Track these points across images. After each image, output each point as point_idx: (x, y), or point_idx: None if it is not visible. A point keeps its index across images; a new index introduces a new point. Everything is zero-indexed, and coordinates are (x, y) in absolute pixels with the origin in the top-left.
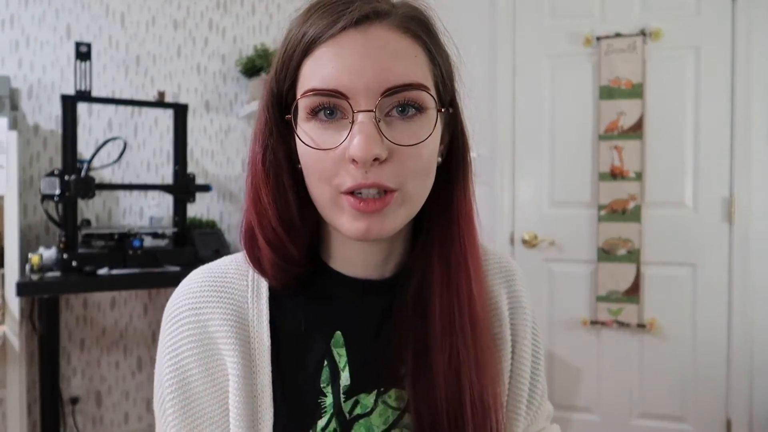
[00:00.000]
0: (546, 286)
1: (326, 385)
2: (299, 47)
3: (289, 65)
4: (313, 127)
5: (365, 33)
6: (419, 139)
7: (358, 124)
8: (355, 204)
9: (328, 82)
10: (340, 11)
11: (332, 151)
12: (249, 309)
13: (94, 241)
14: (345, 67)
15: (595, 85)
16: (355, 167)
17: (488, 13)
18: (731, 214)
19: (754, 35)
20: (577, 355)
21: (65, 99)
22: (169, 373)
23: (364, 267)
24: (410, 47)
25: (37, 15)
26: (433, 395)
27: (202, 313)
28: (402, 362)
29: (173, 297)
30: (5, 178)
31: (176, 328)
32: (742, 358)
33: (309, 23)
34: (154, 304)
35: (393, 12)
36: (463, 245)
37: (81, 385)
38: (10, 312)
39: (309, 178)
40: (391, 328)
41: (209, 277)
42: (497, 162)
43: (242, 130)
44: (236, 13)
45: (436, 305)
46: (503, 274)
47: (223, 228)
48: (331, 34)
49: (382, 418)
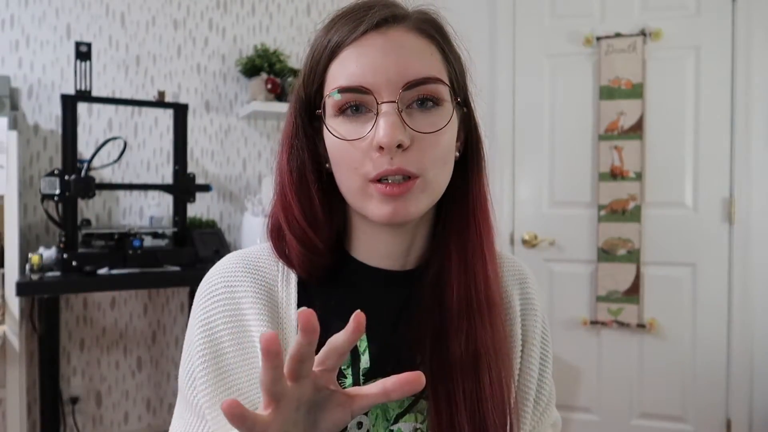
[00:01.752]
0: (546, 286)
1: (347, 367)
2: (325, 53)
3: (316, 70)
4: (341, 122)
5: (385, 34)
6: (437, 128)
7: (383, 114)
8: (382, 189)
9: (354, 80)
10: (361, 17)
11: (360, 141)
12: (279, 292)
13: (94, 241)
14: (368, 65)
15: (595, 85)
16: (380, 154)
17: (488, 13)
18: (731, 214)
19: (754, 35)
20: (577, 355)
21: (65, 99)
22: (200, 345)
23: (388, 258)
24: (426, 46)
25: (37, 15)
26: (450, 377)
27: (236, 291)
28: (419, 349)
29: (207, 276)
30: (5, 178)
31: (210, 303)
32: (742, 358)
33: (333, 31)
34: (154, 304)
35: (409, 16)
36: (479, 233)
37: (81, 385)
38: (10, 312)
39: (339, 169)
40: (410, 316)
41: (243, 259)
42: (497, 162)
43: (242, 130)
44: (236, 13)
45: (453, 289)
46: (517, 277)
47: (223, 228)
48: (355, 38)
49: (397, 402)
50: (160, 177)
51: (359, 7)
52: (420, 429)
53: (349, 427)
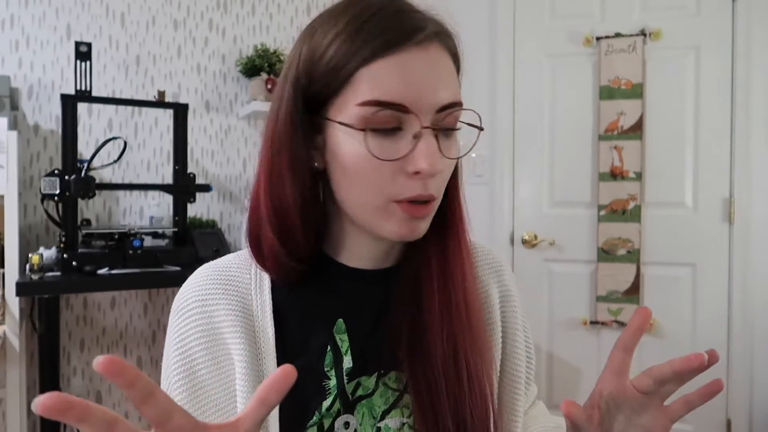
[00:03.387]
0: (546, 286)
1: (330, 368)
2: (357, 55)
3: (338, 69)
4: (371, 137)
5: (426, 51)
6: (458, 154)
7: (424, 139)
8: (410, 210)
9: (394, 96)
10: (401, 27)
11: (393, 162)
12: (253, 300)
13: (94, 240)
14: (411, 82)
15: (595, 85)
16: (414, 179)
17: (488, 13)
18: (731, 214)
19: (754, 35)
20: (577, 355)
21: (65, 99)
22: (176, 363)
23: (371, 260)
24: (452, 67)
25: (37, 15)
26: (431, 374)
27: (209, 305)
28: (400, 346)
29: (181, 292)
30: (5, 178)
31: (184, 319)
32: (742, 358)
33: (365, 33)
34: (154, 304)
35: (443, 32)
36: (456, 231)
37: (81, 385)
38: (10, 312)
39: (354, 183)
40: (389, 314)
41: (214, 272)
42: (497, 162)
43: (242, 130)
44: (236, 13)
45: (434, 288)
46: (492, 267)
47: (223, 228)
48: (395, 49)
49: (382, 399)
50: (160, 177)
51: (397, 11)
52: (407, 423)
53: (337, 427)
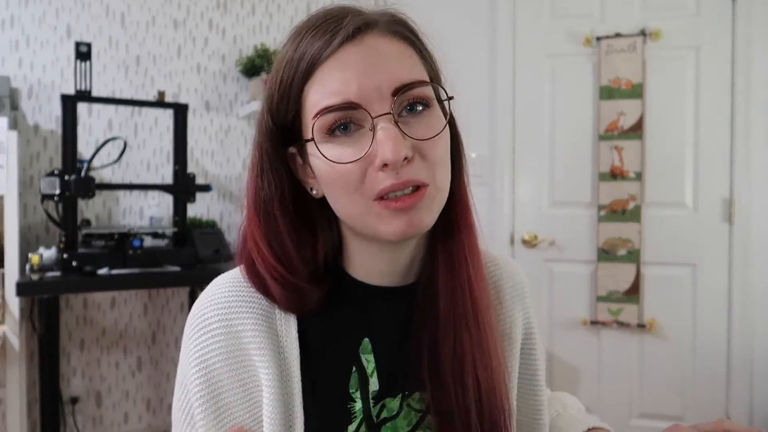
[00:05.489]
0: (546, 286)
1: (355, 390)
2: (297, 75)
3: (289, 95)
4: (332, 147)
5: (361, 43)
6: (436, 131)
7: (381, 129)
8: (392, 204)
9: (339, 97)
10: (332, 30)
11: (359, 161)
12: (277, 318)
13: (94, 241)
14: (351, 78)
15: (595, 85)
16: (384, 171)
17: (488, 13)
18: (731, 214)
19: (754, 35)
20: (577, 355)
21: (65, 99)
22: (198, 384)
23: (390, 275)
24: (404, 49)
25: (37, 15)
26: (449, 393)
27: (233, 324)
28: (422, 365)
29: (199, 305)
30: (5, 178)
31: (205, 338)
32: (742, 358)
33: (302, 49)
34: (154, 304)
35: (380, 20)
36: (463, 236)
37: (81, 385)
38: (10, 312)
39: (335, 194)
40: (411, 332)
41: (235, 286)
42: (497, 162)
43: (242, 130)
44: (236, 13)
45: (441, 296)
46: (516, 290)
47: (223, 228)
48: (330, 52)
49: (406, 420)
50: (160, 177)
51: (325, 19)
52: None
53: None
